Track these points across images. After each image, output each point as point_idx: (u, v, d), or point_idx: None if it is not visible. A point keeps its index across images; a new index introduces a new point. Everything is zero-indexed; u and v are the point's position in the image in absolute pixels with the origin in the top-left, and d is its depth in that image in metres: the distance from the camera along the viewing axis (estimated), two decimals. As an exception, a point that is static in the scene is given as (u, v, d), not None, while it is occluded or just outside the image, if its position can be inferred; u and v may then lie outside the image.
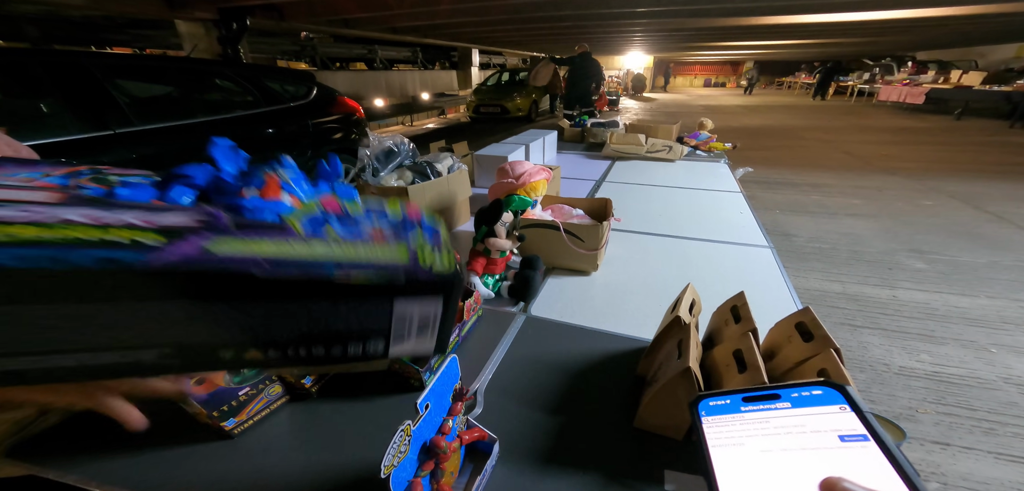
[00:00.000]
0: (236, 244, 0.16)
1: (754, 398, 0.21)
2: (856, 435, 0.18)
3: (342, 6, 5.16)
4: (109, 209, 0.15)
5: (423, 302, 0.20)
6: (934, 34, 9.00)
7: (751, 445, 0.18)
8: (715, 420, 0.20)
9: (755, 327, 0.58)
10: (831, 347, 0.51)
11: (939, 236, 2.94)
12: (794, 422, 0.19)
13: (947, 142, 6.31)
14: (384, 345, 0.21)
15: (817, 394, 0.20)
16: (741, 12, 5.38)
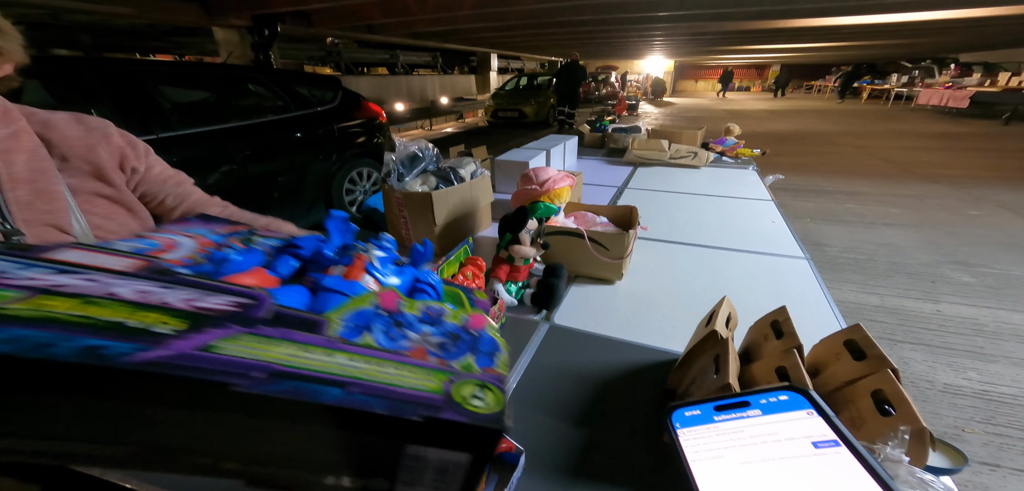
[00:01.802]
0: (248, 344, 0.15)
1: (725, 406, 0.20)
2: (828, 441, 0.18)
3: (366, 12, 5.29)
4: (167, 286, 0.15)
5: (443, 451, 0.16)
6: (978, 35, 8.53)
7: (730, 457, 0.18)
8: (691, 432, 0.20)
9: (800, 344, 0.56)
10: (888, 367, 0.48)
11: (987, 248, 2.75)
12: (768, 430, 0.19)
13: (994, 148, 5.94)
14: (388, 488, 0.17)
15: (784, 400, 0.20)
16: (767, 15, 5.23)
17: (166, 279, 0.17)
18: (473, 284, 0.78)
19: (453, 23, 6.09)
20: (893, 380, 0.47)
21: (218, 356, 0.14)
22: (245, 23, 4.91)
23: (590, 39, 8.94)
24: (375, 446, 0.16)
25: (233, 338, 0.15)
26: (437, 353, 0.18)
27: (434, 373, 0.17)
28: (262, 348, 0.15)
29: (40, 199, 0.61)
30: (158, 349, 0.13)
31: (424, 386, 0.16)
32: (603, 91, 13.74)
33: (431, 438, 0.16)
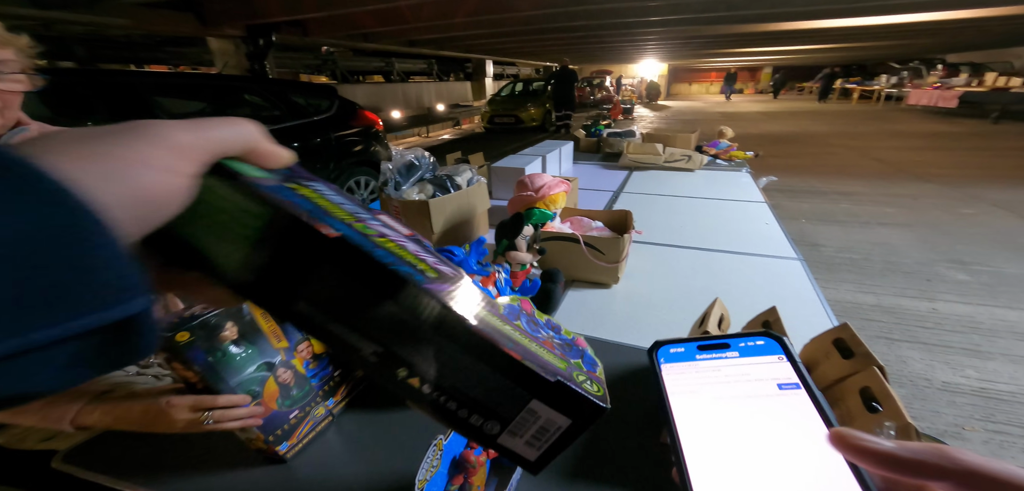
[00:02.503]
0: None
1: (708, 347, 0.22)
2: (790, 383, 0.20)
3: (361, 20, 5.32)
4: (423, 249, 0.21)
5: (555, 413, 0.20)
6: (966, 36, 8.66)
7: (705, 393, 0.20)
8: (673, 367, 0.21)
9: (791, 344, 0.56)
10: (874, 364, 0.49)
11: (982, 246, 2.78)
12: (741, 371, 0.21)
13: (985, 147, 6.01)
14: (499, 431, 0.21)
15: (760, 344, 0.22)
16: (758, 18, 5.29)
17: (421, 246, 0.22)
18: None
19: (448, 30, 6.12)
20: (879, 377, 0.48)
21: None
22: (240, 33, 4.92)
23: (584, 44, 9.01)
24: (513, 395, 0.20)
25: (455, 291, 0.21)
26: (560, 350, 0.23)
27: (560, 359, 0.22)
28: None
29: None
30: (435, 284, 0.19)
31: (554, 362, 0.21)
32: (598, 95, 13.83)
33: (549, 399, 0.20)
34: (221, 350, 0.52)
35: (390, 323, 0.18)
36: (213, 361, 0.51)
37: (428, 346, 0.19)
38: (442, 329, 0.19)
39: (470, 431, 0.21)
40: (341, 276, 0.18)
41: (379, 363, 0.19)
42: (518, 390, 0.20)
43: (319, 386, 0.62)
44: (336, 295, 0.18)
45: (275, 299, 0.18)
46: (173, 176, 0.15)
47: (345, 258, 0.17)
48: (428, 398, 0.20)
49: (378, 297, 0.18)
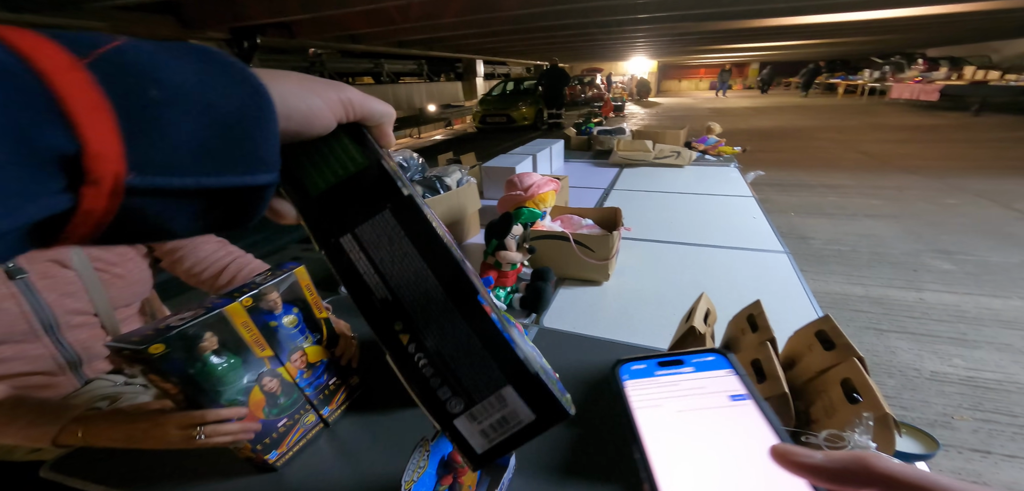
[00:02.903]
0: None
1: (667, 363, 0.24)
2: (740, 395, 0.21)
3: (349, 22, 5.26)
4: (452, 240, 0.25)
5: (523, 405, 0.21)
6: (945, 31, 8.85)
7: (668, 406, 0.21)
8: (635, 383, 0.23)
9: (773, 336, 0.57)
10: (854, 356, 0.50)
11: (966, 236, 2.83)
12: (697, 384, 0.22)
13: (967, 139, 6.13)
14: (461, 411, 0.21)
15: (710, 360, 0.23)
16: (743, 15, 5.35)
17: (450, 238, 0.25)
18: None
19: (436, 31, 6.09)
20: (859, 368, 0.48)
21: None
22: (223, 36, 4.84)
23: (574, 42, 9.03)
24: (491, 376, 0.20)
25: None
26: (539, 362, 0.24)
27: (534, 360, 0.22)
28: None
29: None
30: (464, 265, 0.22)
31: (532, 360, 0.21)
32: (589, 94, 13.87)
33: (523, 390, 0.20)
34: (201, 361, 0.50)
35: (414, 279, 0.21)
36: (193, 372, 0.49)
37: (437, 308, 0.20)
38: (459, 301, 0.20)
39: (433, 404, 0.21)
40: (396, 227, 0.21)
41: (382, 310, 0.21)
42: (497, 373, 0.20)
43: (314, 394, 0.61)
44: (382, 239, 0.21)
45: (327, 226, 0.22)
46: (329, 113, 0.21)
47: (407, 214, 0.21)
48: (410, 358, 0.21)
49: (420, 255, 0.21)
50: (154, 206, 0.16)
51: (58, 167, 0.13)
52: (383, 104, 0.25)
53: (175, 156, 0.15)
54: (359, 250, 0.22)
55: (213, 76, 0.17)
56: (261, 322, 0.55)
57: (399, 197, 0.22)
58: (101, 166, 0.14)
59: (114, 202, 0.15)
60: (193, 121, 0.16)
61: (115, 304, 0.71)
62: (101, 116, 0.14)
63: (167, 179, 0.15)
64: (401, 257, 0.21)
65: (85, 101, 0.13)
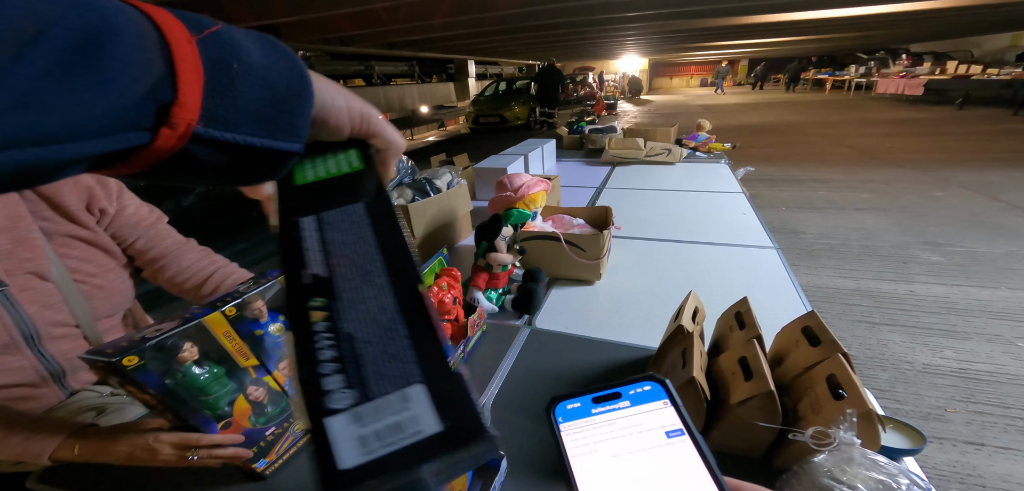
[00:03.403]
0: None
1: (602, 398, 0.23)
2: (676, 430, 0.20)
3: (337, 24, 5.21)
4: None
5: (427, 412, 0.17)
6: (928, 26, 9.01)
7: (603, 450, 0.20)
8: (571, 425, 0.22)
9: (760, 333, 0.57)
10: (839, 352, 0.50)
11: (954, 227, 2.87)
12: (634, 422, 0.21)
13: (952, 132, 6.24)
14: (345, 407, 0.17)
15: (647, 390, 0.22)
16: (730, 12, 5.39)
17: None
18: (448, 295, 0.76)
19: (427, 32, 6.06)
20: (843, 364, 0.48)
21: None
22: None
23: (565, 41, 9.05)
24: (402, 369, 0.18)
25: None
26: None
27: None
28: None
29: (20, 247, 0.61)
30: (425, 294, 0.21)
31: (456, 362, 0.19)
32: (582, 92, 13.91)
33: (436, 390, 0.17)
34: (181, 372, 0.49)
35: (362, 261, 0.20)
36: (171, 384, 0.48)
37: (373, 291, 0.19)
38: (400, 286, 0.19)
39: (313, 392, 0.17)
40: (365, 217, 0.22)
41: (309, 286, 0.19)
42: (412, 368, 0.17)
43: None
44: (345, 223, 0.21)
45: (295, 208, 0.22)
46: (347, 116, 0.25)
47: (381, 212, 0.22)
48: (312, 338, 0.18)
49: (377, 242, 0.21)
50: (205, 152, 0.19)
51: (154, 109, 0.17)
52: (397, 134, 0.28)
53: (238, 116, 0.20)
54: (316, 230, 0.21)
55: (275, 60, 0.21)
56: (246, 331, 0.54)
57: (380, 196, 0.22)
58: (183, 114, 0.18)
59: (179, 144, 0.18)
60: (256, 91, 0.20)
61: (97, 315, 0.69)
62: (196, 78, 0.18)
63: (223, 132, 0.19)
64: (357, 241, 0.21)
65: (190, 66, 0.18)
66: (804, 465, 0.43)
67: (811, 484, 0.42)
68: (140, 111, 0.17)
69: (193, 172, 0.20)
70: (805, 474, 0.43)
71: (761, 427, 0.49)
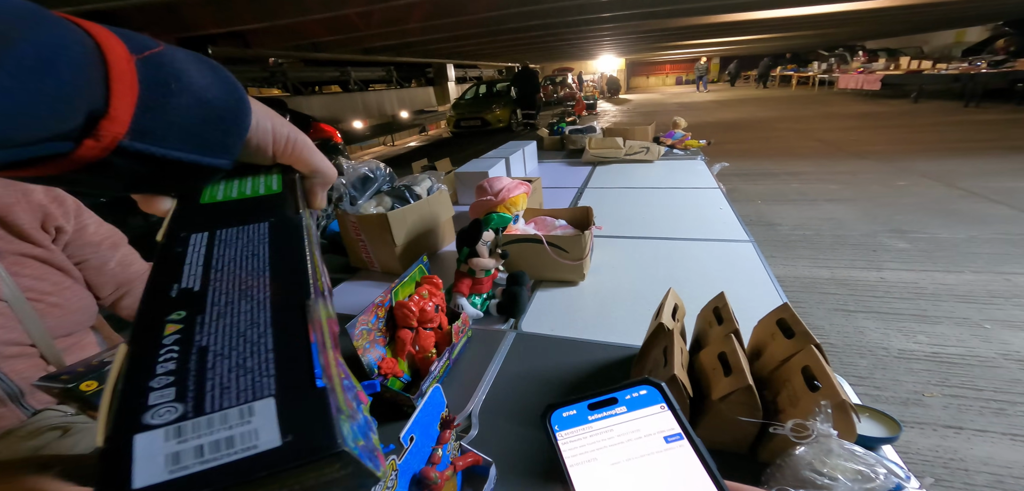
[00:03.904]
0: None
1: (598, 405, 0.22)
2: (675, 434, 0.20)
3: (309, 30, 5.09)
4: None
5: (269, 426, 0.15)
6: (879, 24, 9.48)
7: (603, 458, 0.20)
8: (568, 434, 0.21)
9: (737, 328, 0.57)
10: (811, 343, 0.50)
11: (917, 215, 3.00)
12: (632, 428, 0.21)
13: (909, 124, 6.55)
14: (168, 421, 0.16)
15: (643, 394, 0.22)
16: (698, 12, 5.54)
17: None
18: (429, 303, 0.74)
19: (403, 36, 5.99)
20: (816, 355, 0.48)
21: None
22: (175, 47, 4.59)
23: (542, 43, 9.10)
24: (255, 382, 0.16)
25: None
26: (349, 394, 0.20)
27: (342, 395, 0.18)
28: None
29: None
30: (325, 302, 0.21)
31: (338, 392, 0.17)
32: (561, 93, 14.02)
33: (290, 404, 0.15)
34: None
35: (246, 275, 0.19)
36: None
37: (248, 305, 0.18)
38: (279, 300, 0.18)
39: (129, 407, 0.15)
40: (265, 236, 0.21)
41: (174, 299, 0.18)
42: (269, 382, 0.16)
43: None
44: (240, 241, 0.20)
45: (190, 224, 0.21)
46: (271, 139, 0.25)
47: (286, 233, 0.21)
48: (155, 349, 0.16)
49: (270, 259, 0.20)
50: (127, 163, 0.20)
51: (83, 120, 0.17)
52: (326, 163, 0.27)
53: (168, 131, 0.20)
54: (203, 246, 0.20)
55: (214, 81, 0.22)
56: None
57: (289, 218, 0.22)
58: (111, 127, 0.18)
59: (102, 154, 0.18)
60: (192, 110, 0.21)
61: (54, 334, 0.66)
62: (130, 94, 0.19)
63: (150, 146, 0.19)
64: (248, 257, 0.20)
65: (125, 83, 0.18)
66: (786, 458, 0.44)
67: (794, 477, 0.42)
68: (67, 122, 0.17)
69: (111, 178, 0.21)
70: (788, 467, 0.43)
71: (743, 422, 0.49)
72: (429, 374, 0.67)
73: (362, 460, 0.16)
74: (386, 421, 0.63)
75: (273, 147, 0.25)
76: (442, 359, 0.70)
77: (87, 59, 0.17)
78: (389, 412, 0.64)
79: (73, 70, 0.17)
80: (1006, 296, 1.99)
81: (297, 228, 0.21)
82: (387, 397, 0.65)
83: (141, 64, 0.19)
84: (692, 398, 0.52)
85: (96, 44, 0.18)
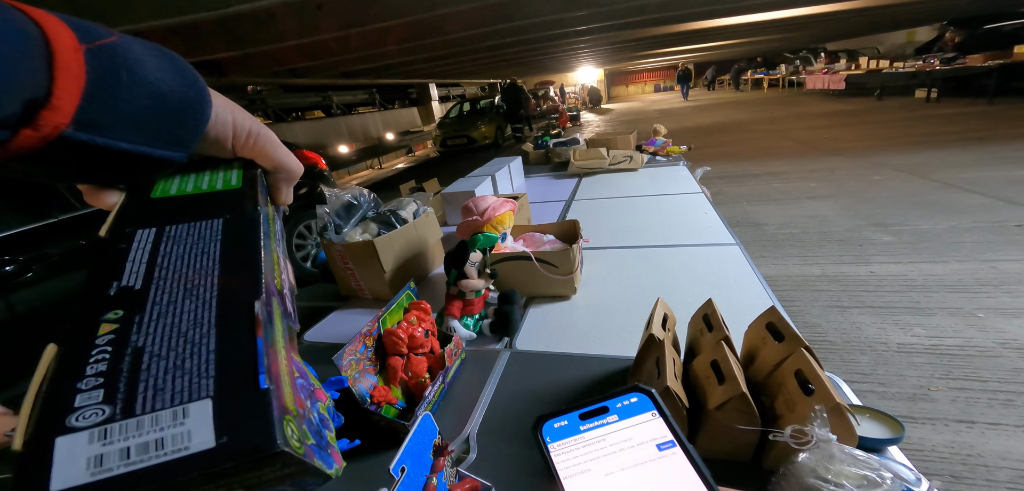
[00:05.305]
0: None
1: (589, 415, 0.22)
2: (667, 442, 0.20)
3: (285, 56, 5.08)
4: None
5: (204, 428, 0.15)
6: (834, 27, 9.94)
7: (596, 469, 0.20)
8: (560, 445, 0.21)
9: (727, 334, 0.56)
10: (801, 346, 0.49)
11: (896, 208, 3.06)
12: (624, 437, 0.21)
13: (876, 121, 6.76)
14: (94, 423, 0.15)
15: (634, 402, 0.22)
16: (669, 20, 5.71)
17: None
18: (418, 329, 0.72)
19: (381, 59, 6.02)
20: (807, 358, 0.47)
21: None
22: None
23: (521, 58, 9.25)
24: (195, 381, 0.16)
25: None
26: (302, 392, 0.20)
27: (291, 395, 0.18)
28: None
29: None
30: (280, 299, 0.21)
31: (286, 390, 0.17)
32: (545, 106, 14.23)
33: (228, 404, 0.15)
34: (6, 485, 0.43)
35: (193, 274, 0.18)
36: None
37: (192, 303, 0.17)
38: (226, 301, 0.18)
39: (53, 410, 0.14)
40: (218, 233, 0.20)
41: (111, 297, 0.18)
42: (207, 383, 0.15)
43: None
44: (190, 238, 0.20)
45: (138, 219, 0.20)
46: (230, 133, 0.24)
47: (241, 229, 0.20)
48: (87, 350, 0.16)
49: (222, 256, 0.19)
50: (67, 154, 0.19)
51: (21, 109, 0.17)
52: (291, 158, 0.26)
53: (115, 123, 0.19)
54: (149, 242, 0.19)
55: (172, 74, 0.21)
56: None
57: (245, 214, 0.21)
58: (52, 117, 0.17)
59: (40, 143, 0.18)
60: (145, 102, 0.20)
61: None
62: (75, 84, 0.18)
63: (95, 136, 0.19)
64: (197, 255, 0.19)
65: (70, 73, 0.18)
66: (789, 466, 0.43)
67: (799, 485, 0.41)
68: (4, 109, 0.17)
69: (53, 168, 0.20)
70: (792, 475, 0.42)
71: (742, 430, 0.48)
72: (424, 399, 0.65)
73: (309, 458, 0.16)
74: (382, 450, 0.61)
75: (233, 141, 0.24)
76: (437, 383, 0.69)
77: (28, 46, 0.17)
78: (384, 441, 0.62)
79: (9, 57, 0.16)
80: (994, 283, 2.01)
81: (253, 224, 0.21)
82: (381, 425, 0.63)
83: (91, 54, 0.18)
84: (689, 408, 0.51)
85: (41, 32, 0.17)
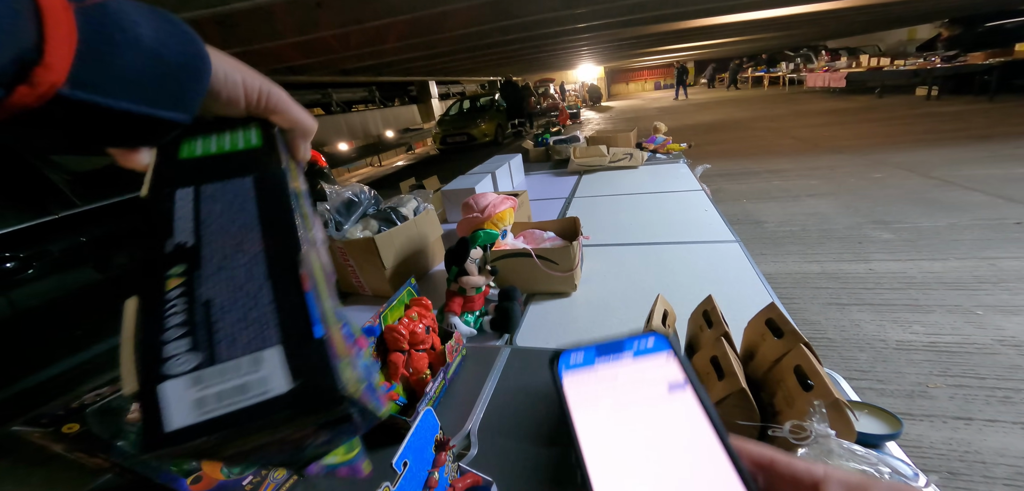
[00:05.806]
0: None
1: (606, 350, 0.23)
2: (679, 383, 0.20)
3: (284, 54, 5.06)
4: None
5: (279, 373, 0.16)
6: (837, 24, 9.89)
7: (604, 403, 0.20)
8: (573, 376, 0.22)
9: (727, 330, 0.57)
10: (801, 342, 0.50)
11: (896, 205, 3.06)
12: (637, 373, 0.21)
13: (877, 118, 6.75)
14: (187, 369, 0.17)
15: (650, 344, 0.22)
16: (664, 19, 5.68)
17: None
18: (420, 325, 0.73)
19: (381, 56, 6.00)
20: (806, 354, 0.48)
21: None
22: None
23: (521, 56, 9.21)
24: (262, 332, 0.17)
25: None
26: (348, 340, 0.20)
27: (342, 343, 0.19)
28: None
29: None
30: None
31: (338, 338, 0.18)
32: (545, 104, 14.21)
33: (296, 352, 0.17)
34: (134, 432, 0.48)
35: (238, 229, 0.19)
36: (125, 444, 0.46)
37: (244, 258, 0.18)
38: (273, 253, 0.19)
39: (150, 358, 0.16)
40: (251, 190, 0.21)
41: (170, 254, 0.18)
42: (272, 331, 0.17)
43: None
44: (226, 196, 0.20)
45: (173, 179, 0.21)
46: (242, 92, 0.24)
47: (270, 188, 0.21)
48: (161, 305, 0.17)
49: (259, 213, 0.20)
50: (69, 114, 0.19)
51: (15, 68, 0.17)
52: (305, 114, 0.26)
53: (112, 83, 0.19)
54: (191, 201, 0.20)
55: (169, 34, 0.21)
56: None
57: (272, 172, 0.22)
58: (46, 75, 0.17)
59: (38, 103, 0.18)
60: (141, 61, 0.20)
61: None
62: (67, 43, 0.18)
63: (92, 96, 0.19)
64: (237, 212, 0.20)
65: (62, 31, 0.17)
66: (789, 461, 0.43)
67: (799, 480, 0.41)
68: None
69: (58, 129, 0.20)
70: (792, 471, 0.42)
71: (741, 425, 0.48)
72: (425, 395, 0.65)
73: (365, 400, 0.17)
74: (384, 445, 0.61)
75: (245, 100, 0.25)
76: (437, 379, 0.69)
77: (12, 2, 0.17)
78: (386, 437, 0.62)
79: None
80: (993, 281, 2.01)
81: (282, 181, 0.21)
82: (383, 420, 0.64)
83: (81, 13, 0.18)
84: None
85: None
